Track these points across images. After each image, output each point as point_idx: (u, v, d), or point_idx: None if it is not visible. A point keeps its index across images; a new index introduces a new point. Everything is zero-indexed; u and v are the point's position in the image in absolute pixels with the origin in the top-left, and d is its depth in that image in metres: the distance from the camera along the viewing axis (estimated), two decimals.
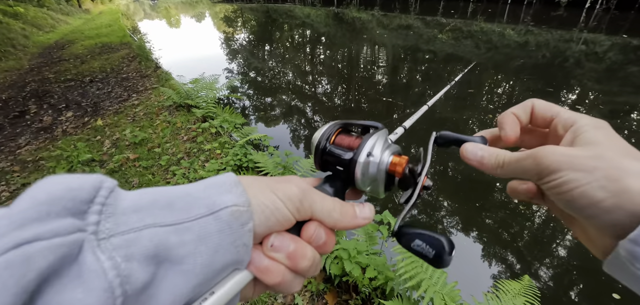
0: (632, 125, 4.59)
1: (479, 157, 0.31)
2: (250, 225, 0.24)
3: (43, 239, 0.17)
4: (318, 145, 0.34)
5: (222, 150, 3.25)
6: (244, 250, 0.24)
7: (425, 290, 1.23)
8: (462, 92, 6.20)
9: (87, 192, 0.20)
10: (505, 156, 0.29)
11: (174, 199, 0.23)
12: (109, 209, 0.20)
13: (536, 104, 0.32)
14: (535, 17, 15.47)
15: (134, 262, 0.19)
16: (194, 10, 30.12)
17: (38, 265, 0.16)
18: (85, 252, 0.18)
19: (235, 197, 0.24)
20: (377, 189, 0.33)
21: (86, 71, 6.69)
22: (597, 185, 0.23)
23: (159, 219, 0.21)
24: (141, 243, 0.20)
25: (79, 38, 10.92)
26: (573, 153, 0.25)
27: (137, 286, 0.19)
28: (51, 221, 0.18)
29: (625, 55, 8.17)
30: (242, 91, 6.57)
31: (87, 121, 4.27)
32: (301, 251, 0.26)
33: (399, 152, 0.34)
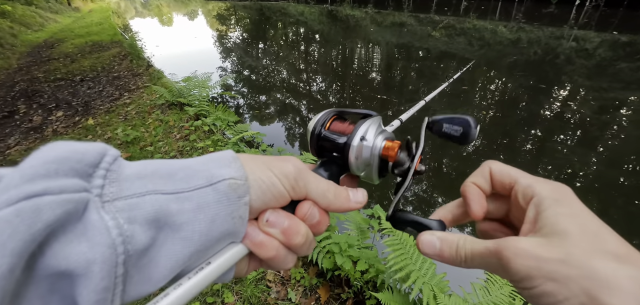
0: (621, 120, 4.68)
1: (438, 250, 0.29)
2: (247, 199, 0.25)
3: (52, 194, 0.18)
4: (314, 131, 0.35)
5: (215, 148, 3.23)
6: (239, 222, 0.25)
7: (414, 281, 1.25)
8: (456, 89, 6.24)
9: (92, 157, 0.21)
10: (465, 249, 0.27)
11: (175, 170, 0.24)
12: (113, 175, 0.21)
13: (493, 168, 0.31)
14: (527, 14, 15.63)
15: (136, 224, 0.20)
16: (186, 8, 29.84)
17: (46, 217, 0.17)
18: (90, 210, 0.19)
19: (233, 171, 0.25)
20: (371, 174, 0.34)
21: (76, 70, 6.60)
22: (578, 303, 0.20)
23: (160, 186, 0.22)
24: (143, 207, 0.21)
25: (68, 36, 10.75)
26: (540, 255, 0.22)
27: (138, 247, 0.20)
28: (59, 179, 0.18)
29: (614, 52, 8.31)
30: (236, 90, 6.54)
31: (78, 120, 4.22)
32: (295, 227, 0.27)
33: (392, 138, 0.35)
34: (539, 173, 3.59)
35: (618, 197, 3.17)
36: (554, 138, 4.26)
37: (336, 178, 0.34)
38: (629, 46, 8.87)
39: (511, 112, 5.17)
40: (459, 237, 0.28)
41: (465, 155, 3.94)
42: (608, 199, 3.13)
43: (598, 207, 3.01)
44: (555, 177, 3.52)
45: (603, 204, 3.06)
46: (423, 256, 1.37)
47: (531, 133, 4.45)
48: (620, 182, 3.38)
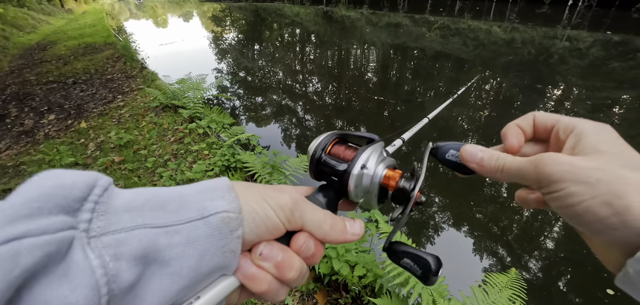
0: (614, 119, 4.72)
1: (479, 159, 0.30)
2: (240, 232, 0.25)
3: (31, 236, 0.17)
4: (314, 155, 0.35)
5: (209, 150, 3.20)
6: (231, 256, 0.24)
7: (412, 286, 1.23)
8: (451, 90, 6.26)
9: (79, 190, 0.20)
10: (505, 160, 0.29)
11: (167, 200, 0.23)
12: (101, 207, 0.20)
13: (537, 114, 0.31)
14: (521, 15, 15.77)
15: (122, 261, 0.19)
16: (181, 9, 29.68)
17: (25, 262, 0.16)
18: (74, 249, 0.18)
19: (227, 203, 0.24)
20: (369, 201, 0.34)
21: (69, 72, 6.51)
22: (601, 201, 0.22)
23: (149, 220, 0.21)
24: (131, 243, 0.20)
25: (61, 38, 10.63)
26: (576, 163, 0.24)
27: (123, 285, 0.19)
28: (41, 218, 0.18)
29: (607, 51, 8.40)
30: (231, 91, 6.50)
31: (71, 124, 4.16)
32: (289, 262, 0.27)
33: (394, 166, 0.34)
34: None
35: None
36: None
37: (334, 203, 0.33)
38: (621, 45, 8.97)
39: (506, 111, 5.20)
40: (500, 153, 0.30)
41: None
42: None
43: None
44: None
45: None
46: None
47: None
48: None
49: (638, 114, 4.85)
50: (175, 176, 2.87)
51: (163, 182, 2.79)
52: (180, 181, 2.81)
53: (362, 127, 4.77)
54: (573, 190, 0.23)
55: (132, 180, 2.88)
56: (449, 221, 2.93)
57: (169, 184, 2.78)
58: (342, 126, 4.88)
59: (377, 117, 5.08)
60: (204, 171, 2.83)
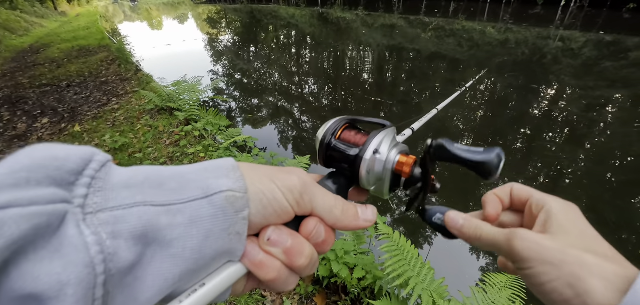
0: (607, 118, 4.77)
1: (460, 225, 0.32)
2: (246, 213, 0.23)
3: (18, 206, 0.16)
4: (323, 140, 0.33)
5: (206, 153, 3.18)
6: (236, 239, 0.23)
7: (413, 287, 1.23)
8: (447, 90, 6.30)
9: (75, 163, 0.19)
10: (483, 230, 0.30)
11: (168, 178, 0.22)
12: (98, 182, 0.19)
13: (514, 186, 0.34)
14: (514, 15, 15.92)
15: (120, 240, 0.18)
16: (176, 11, 29.55)
17: (10, 232, 0.15)
18: (67, 224, 0.17)
19: (232, 182, 0.23)
20: (381, 189, 0.32)
21: (63, 76, 6.45)
22: (565, 283, 0.24)
23: (150, 197, 0.20)
24: (130, 221, 0.19)
25: (55, 41, 10.53)
26: (542, 242, 0.26)
27: (122, 266, 0.18)
28: (30, 189, 0.17)
29: (599, 51, 8.51)
30: (228, 93, 6.48)
31: (64, 127, 4.11)
32: (299, 248, 0.25)
33: (407, 152, 0.33)
34: (529, 171, 3.64)
35: (605, 193, 3.22)
36: (543, 136, 4.32)
37: (345, 191, 0.32)
38: (613, 45, 9.10)
39: (501, 111, 5.24)
40: (480, 222, 0.32)
41: None
42: (596, 195, 3.18)
43: (587, 203, 3.06)
44: (544, 174, 3.58)
45: (591, 200, 3.10)
46: (421, 261, 1.36)
47: (521, 132, 4.50)
48: (607, 177, 3.44)
49: (630, 112, 4.91)
50: None
51: None
52: None
53: None
54: (540, 270, 0.25)
55: None
56: None
57: None
58: None
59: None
60: None
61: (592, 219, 2.20)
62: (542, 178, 3.52)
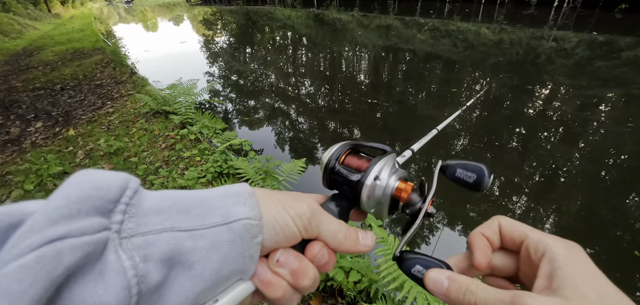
0: (601, 117, 4.82)
1: (445, 289, 0.27)
2: (259, 239, 0.26)
3: (73, 237, 0.18)
4: (328, 164, 0.35)
5: (201, 157, 3.17)
6: (250, 261, 0.25)
7: (408, 290, 1.23)
8: (443, 89, 6.34)
9: (114, 192, 0.21)
10: (476, 296, 0.25)
11: (192, 204, 0.24)
12: (132, 209, 0.21)
13: (502, 222, 0.30)
14: (508, 16, 16.04)
15: (150, 263, 0.20)
16: (172, 13, 29.43)
17: (67, 261, 0.17)
18: (108, 250, 0.19)
19: (249, 210, 0.25)
20: (381, 212, 0.34)
21: (57, 79, 6.39)
22: None
23: (176, 223, 0.22)
24: (159, 245, 0.21)
25: (48, 44, 10.44)
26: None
27: (150, 286, 0.20)
28: (81, 219, 0.19)
29: (592, 51, 8.59)
30: (223, 95, 6.46)
31: (59, 131, 4.08)
32: (304, 270, 0.27)
33: (406, 178, 0.35)
34: (525, 170, 3.67)
35: (600, 191, 3.26)
36: (538, 135, 4.35)
37: (346, 212, 0.34)
38: (606, 45, 9.19)
39: (496, 111, 5.27)
40: (470, 281, 0.26)
41: (454, 155, 3.99)
42: (591, 193, 3.21)
43: (582, 201, 3.09)
44: (539, 173, 3.60)
45: (586, 198, 3.13)
46: None
47: (516, 131, 4.54)
48: (601, 176, 3.48)
49: (623, 111, 4.97)
50: (166, 184, 2.84)
51: (155, 189, 2.75)
52: (172, 188, 2.77)
53: (355, 129, 4.78)
54: None
55: None
56: (444, 220, 2.95)
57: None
58: (335, 128, 4.88)
59: (370, 119, 5.10)
60: (196, 178, 2.80)
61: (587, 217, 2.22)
62: (537, 177, 3.55)
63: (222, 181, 2.74)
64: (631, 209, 3.01)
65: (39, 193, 2.79)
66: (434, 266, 0.29)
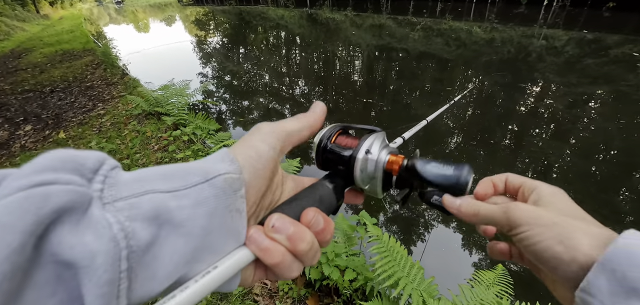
0: (591, 113, 4.91)
1: (457, 205, 0.35)
2: (242, 192, 0.26)
3: (60, 183, 0.18)
4: (319, 144, 0.36)
5: (195, 158, 3.14)
6: (237, 216, 0.26)
7: (403, 287, 1.24)
8: (436, 87, 6.38)
9: (92, 162, 0.21)
10: (480, 206, 0.34)
11: (172, 171, 0.25)
12: (111, 180, 0.22)
13: (509, 175, 0.38)
14: (499, 15, 16.22)
15: (136, 222, 0.21)
16: (163, 13, 29.15)
17: (54, 201, 0.18)
18: (93, 206, 0.20)
19: (227, 165, 0.26)
20: (375, 187, 0.35)
21: (46, 81, 6.29)
22: (556, 240, 0.27)
23: (158, 186, 0.23)
24: (142, 205, 0.21)
25: (37, 46, 10.26)
26: (537, 211, 0.30)
27: (141, 243, 0.20)
28: (66, 173, 0.19)
29: (581, 49, 8.74)
30: (217, 96, 6.42)
31: (49, 134, 4.01)
32: (301, 234, 0.28)
33: (396, 153, 0.36)
34: (518, 166, 3.71)
35: (591, 186, 3.31)
36: (530, 132, 4.41)
37: (341, 191, 0.35)
38: (594, 43, 9.35)
39: (489, 108, 5.33)
40: (476, 201, 0.35)
41: (448, 153, 4.02)
42: (582, 188, 3.27)
43: (573, 196, 3.07)
44: (532, 169, 3.65)
45: (578, 193, 3.18)
46: (410, 261, 1.38)
47: (508, 128, 4.59)
48: (592, 171, 3.54)
49: (612, 108, 5.06)
50: None
51: None
52: None
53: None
54: (535, 231, 0.29)
55: None
56: (438, 218, 2.97)
57: None
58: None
59: (365, 118, 5.12)
60: None
61: None
62: (530, 173, 3.60)
63: None
64: (621, 203, 3.06)
65: None
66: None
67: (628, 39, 9.51)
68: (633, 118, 4.57)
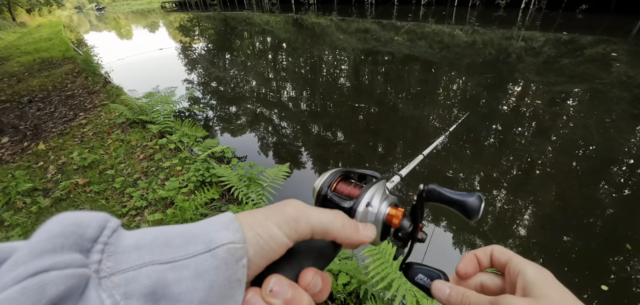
0: (569, 111, 5.09)
1: (446, 295, 0.34)
2: (244, 261, 0.25)
3: (57, 269, 0.18)
4: (320, 192, 0.36)
5: (182, 166, 3.08)
6: (237, 285, 0.25)
7: (396, 289, 1.24)
8: (423, 90, 6.49)
9: (92, 230, 0.21)
10: (470, 298, 0.33)
11: (173, 236, 0.23)
12: (110, 248, 0.21)
13: (495, 249, 0.37)
14: (480, 18, 16.69)
15: (132, 299, 0.20)
16: (146, 20, 28.63)
17: (50, 293, 0.17)
18: (89, 288, 0.19)
19: (232, 234, 0.25)
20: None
21: (24, 90, 6.06)
22: None
23: (157, 256, 0.22)
24: (140, 281, 0.20)
25: (13, 54, 9.89)
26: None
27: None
28: (64, 253, 0.19)
29: (558, 49, 9.07)
30: (203, 103, 6.33)
31: (27, 146, 3.86)
32: (299, 299, 0.27)
33: (396, 204, 0.36)
34: (502, 164, 3.81)
35: (572, 181, 3.42)
36: (513, 131, 4.54)
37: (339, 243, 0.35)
38: (570, 43, 9.73)
39: (473, 109, 5.45)
40: (466, 290, 0.34)
41: (436, 153, 4.09)
42: (564, 183, 3.37)
43: (556, 192, 3.24)
44: (516, 167, 3.75)
45: (560, 188, 3.29)
46: None
47: (492, 128, 4.71)
48: (573, 166, 3.67)
49: (589, 105, 5.26)
50: (146, 195, 2.74)
51: (134, 202, 2.65)
52: (152, 200, 2.68)
53: (339, 132, 4.81)
54: None
55: (99, 203, 2.71)
56: (428, 217, 3.01)
57: (140, 203, 2.64)
58: (318, 132, 4.89)
59: (353, 121, 5.15)
60: (177, 188, 2.72)
61: (561, 207, 2.31)
62: (514, 170, 3.69)
63: (204, 190, 2.68)
64: (601, 197, 3.18)
65: (6, 212, 2.62)
66: (435, 277, 0.35)
67: (601, 39, 9.94)
68: (608, 114, 4.77)
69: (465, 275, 0.36)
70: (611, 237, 2.69)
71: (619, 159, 3.73)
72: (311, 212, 0.29)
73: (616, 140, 4.08)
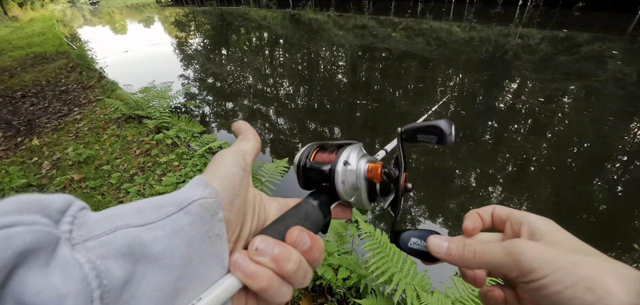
0: (565, 108, 5.13)
1: (446, 249, 0.31)
2: (220, 215, 0.25)
3: (23, 225, 0.17)
4: (299, 164, 0.36)
5: (180, 161, 3.06)
6: (218, 241, 0.24)
7: (397, 283, 1.25)
8: (420, 87, 6.50)
9: (59, 204, 0.20)
10: (476, 245, 0.30)
11: (144, 205, 0.23)
12: (80, 220, 0.20)
13: (495, 207, 0.35)
14: (477, 15, 16.72)
15: (109, 259, 0.19)
16: (141, 14, 28.31)
17: (17, 243, 0.16)
18: (61, 246, 0.18)
19: (202, 190, 0.25)
20: (361, 199, 0.34)
21: (16, 85, 5.97)
22: (583, 287, 0.23)
23: (129, 220, 0.21)
24: (115, 242, 0.20)
25: (5, 49, 9.74)
26: (548, 251, 0.26)
27: (116, 282, 0.19)
28: (31, 214, 0.18)
29: (554, 47, 9.12)
30: (200, 98, 6.29)
31: (21, 141, 3.81)
32: (286, 254, 0.26)
33: (375, 160, 0.35)
34: (499, 161, 3.83)
35: (568, 177, 3.46)
36: (509, 127, 4.56)
37: (327, 206, 0.35)
38: (566, 41, 9.78)
39: (469, 105, 5.47)
40: (466, 239, 0.31)
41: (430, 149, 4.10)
42: (560, 180, 3.40)
43: (551, 189, 3.26)
44: (512, 163, 3.78)
45: (556, 185, 3.31)
46: (403, 256, 1.39)
47: (489, 124, 4.73)
48: (568, 163, 3.70)
49: (585, 102, 5.31)
50: (143, 191, 2.72)
51: (130, 198, 2.63)
52: (150, 196, 2.66)
53: (335, 128, 4.80)
54: (555, 277, 0.24)
55: (95, 199, 2.68)
56: (425, 214, 3.02)
57: (137, 199, 2.62)
58: (316, 128, 4.88)
59: (350, 117, 5.15)
60: (174, 183, 2.70)
61: (557, 203, 2.33)
62: (510, 167, 3.72)
63: None
64: (595, 193, 3.21)
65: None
66: (428, 234, 0.34)
67: (597, 37, 10.01)
68: (603, 111, 4.81)
69: (473, 231, 0.34)
70: (608, 234, 2.72)
71: (613, 156, 3.77)
72: (237, 144, 0.32)
73: (610, 137, 4.13)
